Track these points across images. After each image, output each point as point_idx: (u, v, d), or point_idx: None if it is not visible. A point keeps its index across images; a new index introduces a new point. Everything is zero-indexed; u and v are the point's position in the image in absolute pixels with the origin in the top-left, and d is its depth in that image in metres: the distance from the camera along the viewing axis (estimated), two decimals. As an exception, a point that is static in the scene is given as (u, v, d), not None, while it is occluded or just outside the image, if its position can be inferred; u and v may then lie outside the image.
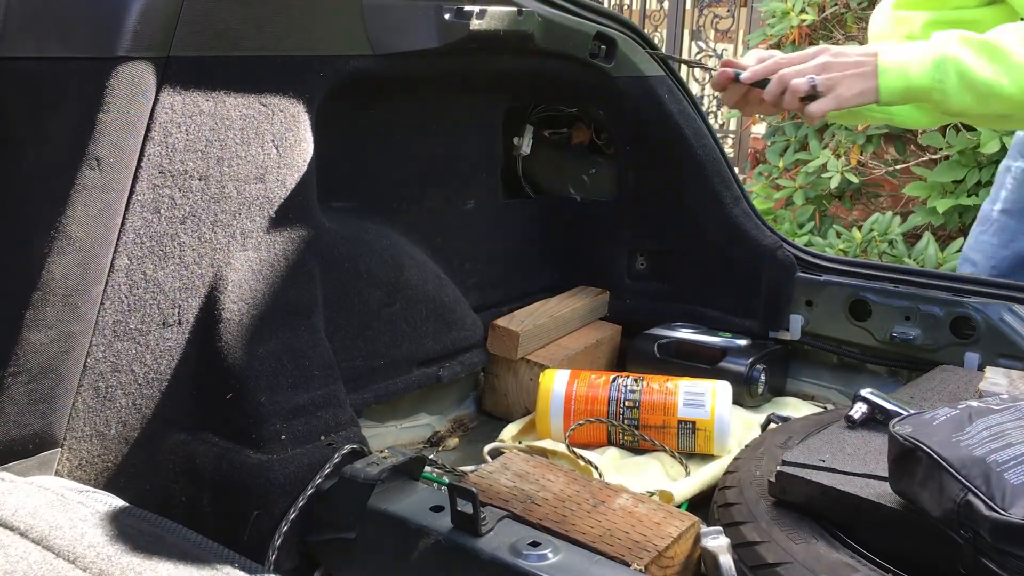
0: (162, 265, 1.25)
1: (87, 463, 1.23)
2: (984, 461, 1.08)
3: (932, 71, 1.50)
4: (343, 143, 1.63)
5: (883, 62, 1.51)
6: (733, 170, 2.03)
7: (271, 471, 1.27)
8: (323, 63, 1.42)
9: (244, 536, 1.25)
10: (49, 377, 1.16)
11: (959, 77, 1.50)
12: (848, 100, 1.52)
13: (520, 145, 2.07)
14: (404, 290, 1.68)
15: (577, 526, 1.24)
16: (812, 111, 1.52)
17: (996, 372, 1.58)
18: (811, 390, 2.02)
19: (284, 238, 1.41)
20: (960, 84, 1.50)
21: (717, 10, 6.43)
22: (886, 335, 1.87)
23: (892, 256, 3.62)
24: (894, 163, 4.18)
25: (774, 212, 4.39)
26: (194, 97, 1.25)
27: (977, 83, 1.50)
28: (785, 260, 1.97)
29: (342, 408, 1.41)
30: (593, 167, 2.12)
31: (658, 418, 1.66)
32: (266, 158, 1.36)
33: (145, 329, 1.25)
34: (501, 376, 1.89)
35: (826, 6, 4.34)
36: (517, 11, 1.61)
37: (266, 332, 1.36)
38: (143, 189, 1.21)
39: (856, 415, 1.43)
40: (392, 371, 1.67)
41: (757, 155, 4.96)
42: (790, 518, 1.25)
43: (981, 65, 1.50)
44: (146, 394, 1.27)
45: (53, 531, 0.92)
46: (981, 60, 1.50)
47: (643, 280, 2.13)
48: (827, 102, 1.52)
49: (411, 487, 1.27)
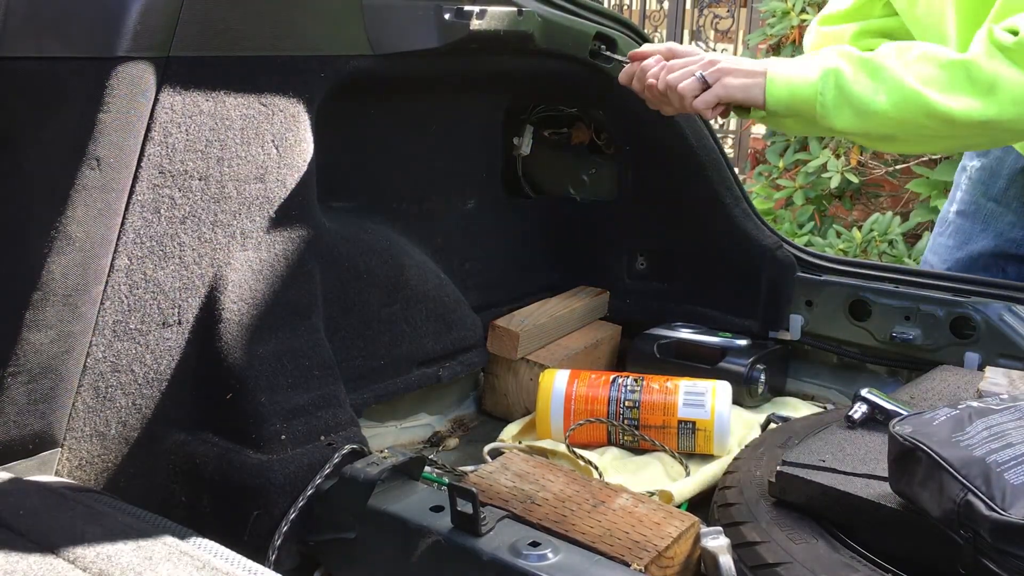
0: (162, 265, 1.25)
1: (87, 463, 1.23)
2: (984, 461, 1.08)
3: (816, 83, 1.51)
4: (343, 143, 1.62)
5: (772, 72, 1.54)
6: (733, 170, 2.03)
7: (271, 471, 1.27)
8: (323, 63, 1.42)
9: (244, 536, 1.25)
10: (49, 377, 1.16)
11: (838, 91, 1.50)
12: (735, 89, 1.54)
13: (520, 145, 2.07)
14: (404, 290, 1.68)
15: (577, 526, 1.24)
16: (698, 104, 1.56)
17: (996, 372, 1.58)
18: (811, 390, 2.01)
19: (284, 238, 1.41)
20: (839, 98, 1.50)
21: (717, 10, 6.44)
22: (886, 335, 1.87)
23: (892, 256, 3.62)
24: (894, 163, 4.18)
25: (774, 212, 4.39)
26: (194, 97, 1.25)
27: (854, 98, 1.49)
28: (785, 260, 1.97)
29: (342, 408, 1.41)
30: (593, 167, 2.12)
31: (658, 418, 1.66)
32: (266, 158, 1.36)
33: (145, 329, 1.25)
34: (501, 376, 1.89)
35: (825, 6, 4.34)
36: (517, 11, 1.61)
37: (266, 332, 1.36)
38: (143, 189, 1.21)
39: (856, 415, 1.43)
40: (392, 371, 1.67)
41: (757, 155, 4.96)
42: (790, 518, 1.25)
43: (860, 81, 1.49)
44: (146, 394, 1.27)
45: (53, 531, 0.92)
46: (860, 76, 1.49)
47: (643, 280, 2.12)
48: (711, 92, 1.55)
49: (411, 487, 1.27)
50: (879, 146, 1.66)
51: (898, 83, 1.47)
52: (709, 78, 1.55)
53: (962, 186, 2.12)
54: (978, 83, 1.45)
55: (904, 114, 1.48)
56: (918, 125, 1.49)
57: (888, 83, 1.48)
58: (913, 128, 1.51)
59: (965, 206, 2.10)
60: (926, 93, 1.46)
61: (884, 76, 1.48)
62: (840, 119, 1.52)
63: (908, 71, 1.48)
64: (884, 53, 1.51)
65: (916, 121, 1.49)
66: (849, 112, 1.51)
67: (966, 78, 1.46)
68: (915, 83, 1.47)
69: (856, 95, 1.49)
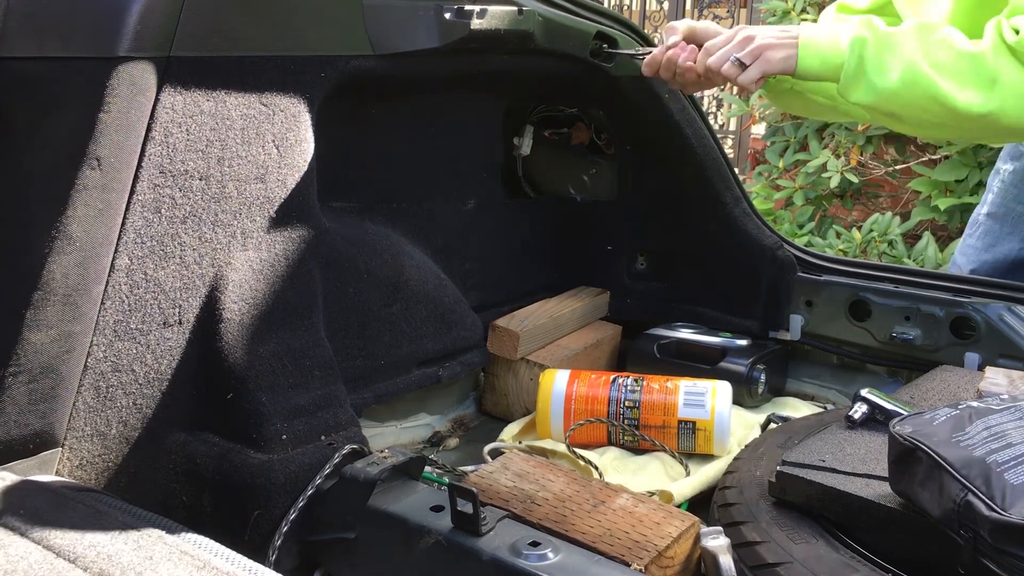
0: (163, 265, 1.25)
1: (87, 463, 1.23)
2: (984, 461, 1.08)
3: (845, 51, 1.52)
4: (344, 143, 1.62)
5: (804, 37, 1.55)
6: (733, 170, 2.03)
7: (271, 471, 1.27)
8: (324, 63, 1.42)
9: (244, 536, 1.25)
10: (50, 377, 1.16)
11: (859, 62, 1.51)
12: (775, 65, 1.56)
13: (520, 145, 2.07)
14: (404, 290, 1.68)
15: (577, 526, 1.24)
16: (743, 82, 1.58)
17: (996, 372, 1.58)
18: (811, 390, 2.02)
19: (285, 238, 1.41)
20: (858, 69, 1.51)
21: (717, 10, 6.44)
22: (886, 335, 1.87)
23: (892, 256, 3.62)
24: (894, 163, 4.18)
25: (774, 212, 4.39)
26: (195, 97, 1.25)
27: (870, 71, 1.50)
28: (785, 260, 1.97)
29: (342, 408, 1.41)
30: (593, 167, 2.12)
31: (658, 418, 1.66)
32: (267, 158, 1.36)
33: (146, 329, 1.25)
34: (501, 376, 1.89)
35: (826, 5, 4.34)
36: (517, 11, 1.61)
37: (266, 332, 1.36)
38: (144, 189, 1.21)
39: (856, 415, 1.43)
40: (392, 371, 1.67)
41: (757, 155, 4.97)
42: (790, 518, 1.25)
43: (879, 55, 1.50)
44: (147, 394, 1.27)
45: (53, 531, 0.92)
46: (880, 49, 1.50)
47: (643, 280, 2.13)
48: (754, 69, 1.56)
49: (411, 487, 1.27)
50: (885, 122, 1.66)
51: (911, 63, 1.48)
52: (748, 58, 1.56)
53: (994, 189, 2.15)
54: (982, 76, 1.46)
55: (911, 95, 1.49)
56: (922, 108, 1.50)
57: (902, 61, 1.49)
58: (918, 111, 1.52)
59: (996, 208, 2.13)
60: (935, 78, 1.47)
61: (900, 54, 1.49)
62: (856, 91, 1.53)
63: (924, 53, 1.48)
64: (906, 31, 1.51)
65: (921, 104, 1.50)
66: (864, 84, 1.51)
67: (972, 70, 1.47)
68: (927, 67, 1.47)
69: (872, 68, 1.50)
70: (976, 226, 2.18)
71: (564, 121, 2.12)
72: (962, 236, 2.28)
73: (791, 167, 4.39)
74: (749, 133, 5.90)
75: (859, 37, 1.51)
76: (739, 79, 1.58)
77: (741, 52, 1.56)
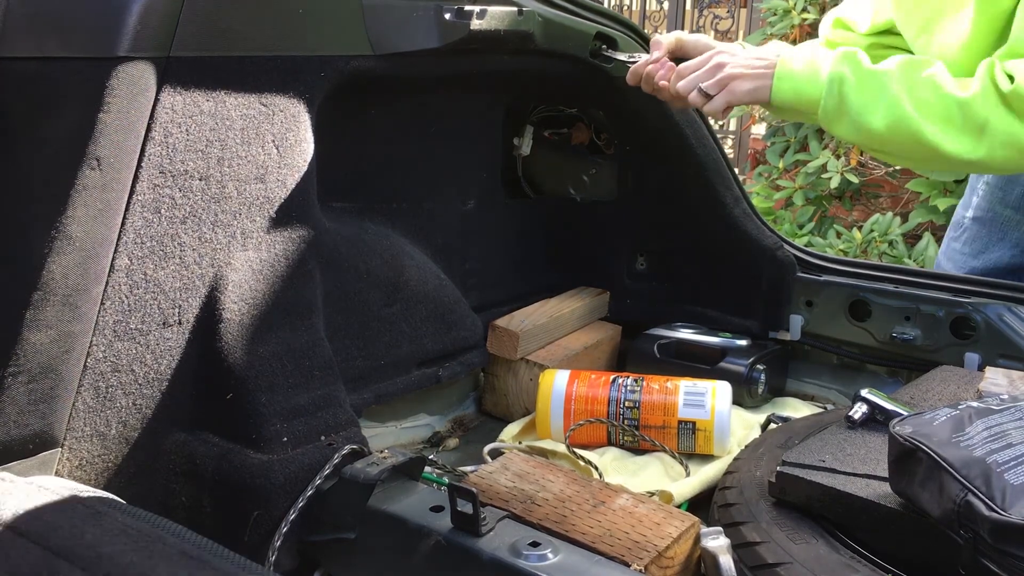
0: (162, 265, 1.25)
1: (87, 463, 1.23)
2: (984, 461, 1.08)
3: (823, 86, 1.50)
4: (343, 143, 1.62)
5: (780, 70, 1.53)
6: (733, 170, 2.03)
7: (271, 471, 1.27)
8: (323, 63, 1.42)
9: (244, 536, 1.25)
10: (49, 377, 1.15)
11: (840, 100, 1.49)
12: (741, 97, 1.55)
13: (520, 145, 2.07)
14: (404, 290, 1.68)
15: (577, 526, 1.24)
16: (709, 112, 1.61)
17: (996, 372, 1.58)
18: (811, 390, 2.02)
19: (284, 238, 1.41)
20: (839, 108, 1.49)
21: (717, 11, 6.44)
22: (886, 335, 1.87)
23: (892, 256, 3.62)
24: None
25: (774, 212, 4.39)
26: (194, 97, 1.25)
27: (852, 111, 1.49)
28: (785, 260, 1.97)
29: (342, 408, 1.41)
30: (593, 167, 2.12)
31: (658, 418, 1.66)
32: (266, 158, 1.36)
33: (145, 329, 1.25)
34: (501, 376, 1.89)
35: (827, 5, 4.34)
36: (517, 11, 1.61)
37: (266, 332, 1.36)
38: (143, 189, 1.21)
39: (856, 415, 1.43)
40: (392, 371, 1.67)
41: (757, 155, 4.97)
42: (790, 518, 1.25)
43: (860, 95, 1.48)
44: (146, 394, 1.27)
45: (53, 531, 0.92)
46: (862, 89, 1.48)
47: (643, 280, 2.13)
48: (719, 99, 1.55)
49: (411, 487, 1.27)
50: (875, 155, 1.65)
51: (895, 106, 1.46)
52: (713, 88, 1.55)
53: (979, 191, 2.07)
54: (969, 123, 1.44)
55: (896, 137, 1.47)
56: (910, 149, 1.49)
57: (886, 103, 1.46)
58: (906, 151, 1.50)
59: (982, 212, 2.05)
60: (920, 122, 1.45)
61: (884, 95, 1.47)
62: (838, 127, 1.52)
63: (909, 94, 1.46)
64: (891, 68, 1.49)
65: (908, 145, 1.48)
66: (847, 123, 1.50)
67: (960, 116, 1.44)
68: (911, 109, 1.45)
69: (854, 109, 1.48)
70: (961, 229, 2.11)
71: (564, 121, 2.12)
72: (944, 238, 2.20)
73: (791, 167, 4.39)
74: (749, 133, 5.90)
75: (838, 74, 1.48)
76: (704, 108, 1.58)
77: (707, 81, 1.55)
